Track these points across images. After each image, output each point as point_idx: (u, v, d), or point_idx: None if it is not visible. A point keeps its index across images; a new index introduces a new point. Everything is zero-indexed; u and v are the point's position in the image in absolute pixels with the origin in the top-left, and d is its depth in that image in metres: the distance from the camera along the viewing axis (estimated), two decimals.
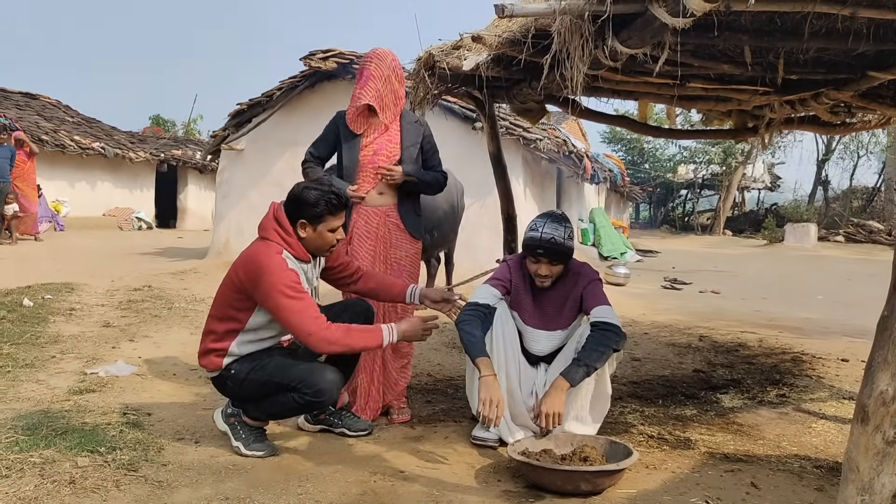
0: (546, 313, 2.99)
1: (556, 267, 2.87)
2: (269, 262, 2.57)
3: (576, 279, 2.98)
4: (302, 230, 2.67)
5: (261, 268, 2.57)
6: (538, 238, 2.83)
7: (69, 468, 2.41)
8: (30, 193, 11.19)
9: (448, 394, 3.68)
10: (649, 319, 6.60)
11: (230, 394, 2.73)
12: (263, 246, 2.64)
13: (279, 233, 2.66)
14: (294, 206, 2.68)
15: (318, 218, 2.65)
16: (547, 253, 2.83)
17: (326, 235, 2.69)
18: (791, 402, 3.69)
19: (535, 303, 2.99)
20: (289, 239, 2.66)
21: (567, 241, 2.85)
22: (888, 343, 1.69)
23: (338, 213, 2.69)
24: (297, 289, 2.57)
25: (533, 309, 2.99)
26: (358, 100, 3.22)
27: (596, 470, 2.41)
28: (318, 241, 2.69)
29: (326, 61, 8.05)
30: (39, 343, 4.40)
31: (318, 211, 2.65)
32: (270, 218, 2.71)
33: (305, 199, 2.65)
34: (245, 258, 2.65)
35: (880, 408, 1.67)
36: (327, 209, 2.66)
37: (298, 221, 2.66)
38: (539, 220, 2.90)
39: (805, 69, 3.72)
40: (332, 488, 2.40)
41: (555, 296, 2.97)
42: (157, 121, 25.52)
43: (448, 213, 6.10)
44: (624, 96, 4.22)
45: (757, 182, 30.56)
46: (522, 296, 2.99)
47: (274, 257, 2.59)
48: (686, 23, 2.55)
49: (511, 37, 3.25)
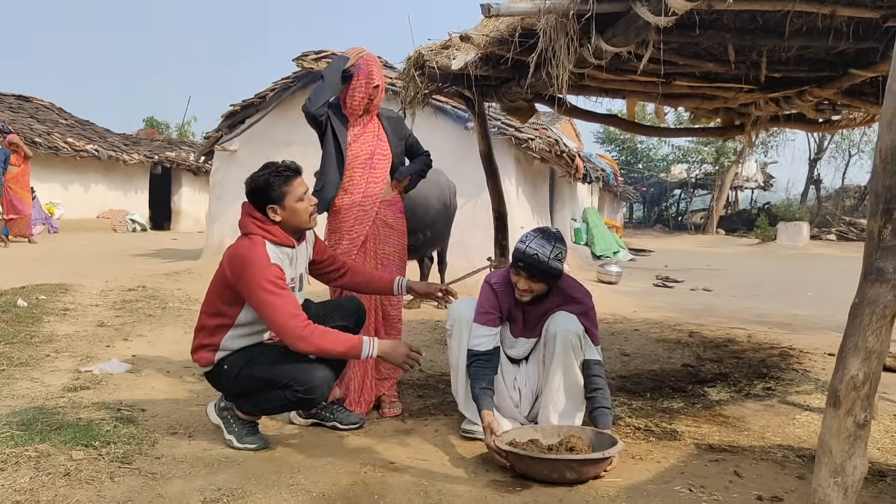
0: (529, 323, 2.99)
1: (535, 284, 2.84)
2: (252, 256, 2.61)
3: (565, 298, 2.95)
4: (274, 214, 2.70)
5: (245, 262, 2.61)
6: (522, 251, 2.81)
7: (64, 461, 2.44)
8: (24, 196, 11.18)
9: (439, 389, 3.73)
10: (640, 316, 6.66)
11: (223, 389, 2.77)
12: (247, 241, 2.68)
13: (257, 224, 2.70)
14: (255, 197, 2.73)
15: (280, 195, 2.69)
16: (526, 268, 2.81)
17: (298, 206, 2.72)
18: (777, 395, 3.75)
19: (524, 317, 3.00)
20: (268, 227, 2.70)
21: (551, 262, 2.80)
22: (858, 330, 1.74)
23: (292, 181, 2.72)
24: (279, 284, 2.59)
25: (521, 322, 3.00)
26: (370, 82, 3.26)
27: (580, 458, 2.46)
28: (293, 216, 2.72)
29: (319, 62, 8.09)
30: (34, 342, 4.43)
31: (276, 189, 2.69)
32: (245, 215, 2.76)
33: (259, 185, 2.70)
34: (230, 254, 2.69)
35: (851, 392, 1.72)
36: (282, 181, 2.69)
37: (268, 208, 2.70)
38: (530, 235, 2.88)
39: (788, 67, 3.79)
40: (323, 479, 2.44)
41: (542, 310, 2.96)
42: (151, 123, 25.51)
43: (441, 212, 6.15)
44: (611, 95, 4.29)
45: (750, 181, 30.73)
46: (513, 312, 2.99)
47: (257, 250, 2.62)
48: (668, 21, 2.62)
49: (498, 36, 3.31)
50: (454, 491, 2.38)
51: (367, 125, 3.34)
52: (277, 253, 2.67)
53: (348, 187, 3.30)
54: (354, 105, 3.28)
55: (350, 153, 3.29)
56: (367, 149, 3.32)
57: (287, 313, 2.54)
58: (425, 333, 5.35)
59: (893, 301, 1.72)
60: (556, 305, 2.94)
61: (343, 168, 3.30)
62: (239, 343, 2.69)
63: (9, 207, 10.93)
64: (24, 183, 11.23)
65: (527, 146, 8.61)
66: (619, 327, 5.97)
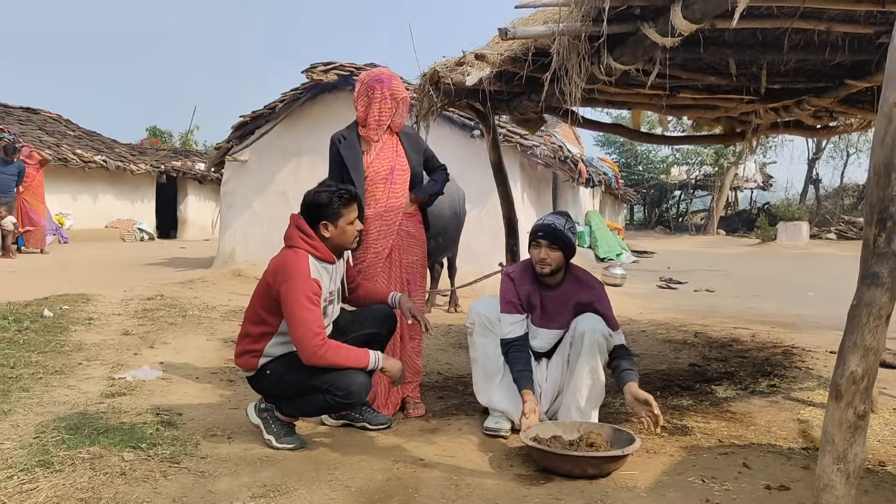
0: (548, 313, 3.22)
1: (553, 252, 3.13)
2: (295, 269, 2.79)
3: (578, 285, 3.23)
4: (325, 230, 2.89)
5: (287, 273, 2.79)
6: (540, 224, 3.17)
7: (117, 462, 2.61)
8: (39, 207, 11.39)
9: (458, 390, 3.90)
10: (646, 318, 6.83)
11: (265, 392, 2.95)
12: (291, 253, 2.86)
13: (303, 239, 2.88)
14: (311, 210, 2.92)
15: (336, 214, 2.89)
16: (546, 236, 3.11)
17: (347, 229, 2.92)
18: (781, 392, 3.92)
19: (542, 304, 3.22)
20: (313, 242, 2.88)
21: (566, 230, 3.14)
22: (857, 329, 1.91)
23: (351, 205, 2.93)
24: (313, 300, 2.77)
25: (540, 310, 3.22)
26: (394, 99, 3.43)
27: (603, 455, 2.64)
28: (341, 236, 2.92)
29: (327, 74, 8.28)
30: (65, 351, 4.60)
31: (335, 208, 2.88)
32: (293, 227, 2.94)
33: (320, 201, 2.90)
34: (275, 264, 2.87)
35: (851, 386, 1.89)
36: (341, 203, 2.89)
37: (320, 223, 2.89)
38: (544, 215, 3.25)
39: (787, 78, 3.97)
40: (359, 475, 2.61)
41: (558, 297, 3.21)
42: (154, 132, 25.71)
43: (452, 220, 6.33)
44: (618, 106, 4.47)
45: (749, 182, 30.93)
46: (533, 299, 3.22)
47: (301, 263, 2.81)
48: (675, 41, 2.81)
49: (512, 55, 3.49)
50: (483, 484, 2.55)
51: (387, 142, 3.50)
52: (318, 267, 2.86)
53: (371, 202, 3.46)
54: (383, 121, 3.44)
55: (371, 170, 3.46)
56: (388, 164, 3.49)
57: (310, 330, 2.72)
58: (439, 337, 5.52)
59: (888, 303, 1.90)
60: (571, 290, 3.19)
61: (360, 186, 3.45)
62: (281, 350, 2.86)
63: (24, 219, 11.13)
64: (38, 194, 11.44)
65: (532, 152, 8.80)
66: (627, 329, 6.13)
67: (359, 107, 3.50)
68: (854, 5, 2.75)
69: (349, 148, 3.43)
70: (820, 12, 2.95)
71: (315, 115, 8.94)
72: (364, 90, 3.48)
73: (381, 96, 3.40)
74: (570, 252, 3.18)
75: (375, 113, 3.42)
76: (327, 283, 2.89)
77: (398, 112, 3.47)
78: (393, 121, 3.49)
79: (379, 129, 3.45)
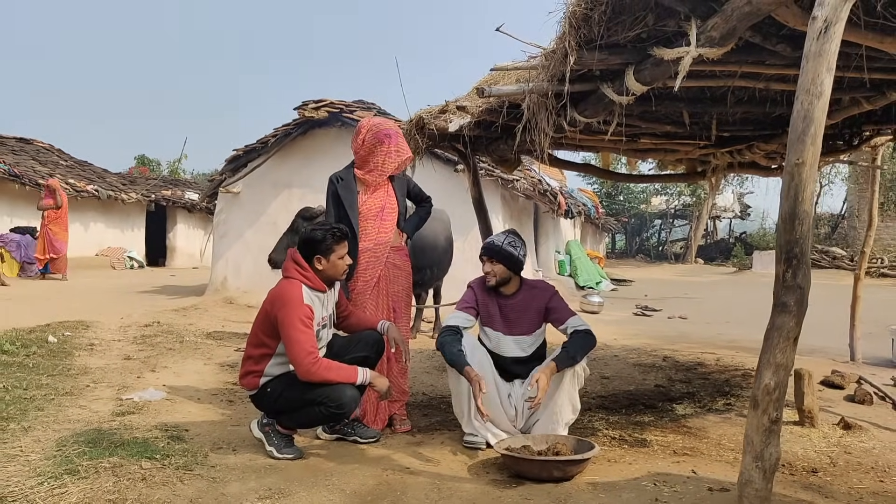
0: (509, 320, 3.64)
1: (495, 266, 3.58)
2: (290, 297, 3.19)
3: (532, 291, 3.68)
4: (318, 263, 3.29)
5: (283, 301, 3.18)
6: (485, 243, 3.67)
7: (137, 469, 2.93)
8: (63, 236, 12.24)
9: (441, 409, 4.25)
10: (620, 343, 7.22)
11: (265, 408, 3.30)
12: (287, 283, 3.27)
13: (298, 270, 3.29)
14: (307, 246, 3.31)
15: (329, 250, 3.29)
16: (486, 252, 3.60)
17: (338, 263, 3.33)
18: (735, 409, 4.31)
19: (500, 312, 3.64)
20: (306, 273, 3.28)
21: (504, 246, 3.58)
22: (770, 349, 2.30)
23: (342, 242, 3.34)
24: (306, 323, 3.16)
25: (499, 317, 3.65)
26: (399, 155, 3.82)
27: (566, 459, 3.00)
28: (332, 269, 3.32)
29: (318, 111, 8.71)
30: (72, 374, 4.90)
31: (328, 244, 3.28)
32: (290, 260, 3.35)
33: (314, 237, 3.30)
34: (273, 294, 3.26)
35: (766, 396, 2.28)
36: (334, 240, 3.30)
37: (314, 257, 3.29)
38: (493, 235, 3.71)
39: (735, 127, 4.44)
40: (353, 481, 2.95)
41: (515, 305, 3.64)
42: (143, 160, 26.02)
43: (447, 251, 6.70)
44: (586, 150, 4.92)
45: (727, 211, 31.64)
46: (490, 307, 3.65)
47: (295, 291, 3.21)
48: (629, 100, 3.24)
49: (489, 106, 3.94)
50: (462, 488, 2.90)
51: (381, 184, 3.89)
52: (311, 295, 3.24)
53: (363, 236, 3.84)
54: (385, 171, 3.81)
55: (365, 207, 3.84)
56: (379, 204, 3.88)
57: (303, 349, 3.10)
58: (424, 361, 5.88)
59: (795, 327, 2.29)
60: (525, 298, 3.62)
61: (355, 223, 3.82)
62: (280, 370, 3.22)
63: (49, 247, 12.03)
64: (63, 224, 12.26)
65: (512, 186, 9.24)
66: (600, 353, 6.52)
67: (361, 151, 3.86)
68: (782, 69, 3.21)
69: (346, 188, 3.82)
70: (757, 74, 3.41)
71: (305, 150, 9.36)
72: (372, 139, 3.82)
73: (386, 150, 3.79)
74: (512, 264, 3.60)
75: (380, 163, 3.81)
76: (319, 310, 3.28)
77: (399, 167, 3.86)
78: (397, 170, 3.88)
79: (380, 176, 3.83)
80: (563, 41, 2.91)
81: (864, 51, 2.93)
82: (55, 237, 12.06)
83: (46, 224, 12.01)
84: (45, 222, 12.05)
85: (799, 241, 2.28)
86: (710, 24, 2.58)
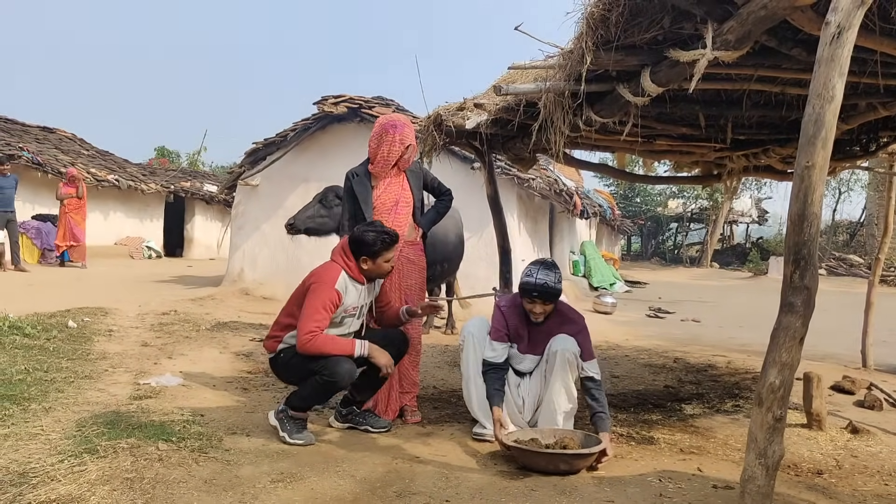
0: (534, 342, 3.63)
1: (548, 305, 3.52)
2: (326, 276, 3.40)
3: (563, 318, 3.60)
4: (364, 264, 3.46)
5: (320, 277, 3.41)
6: (534, 284, 3.44)
7: (154, 451, 3.02)
8: (82, 224, 12.60)
9: (451, 402, 4.31)
10: (631, 344, 7.25)
11: (278, 372, 3.55)
12: (329, 263, 3.49)
13: (343, 257, 3.48)
14: (356, 245, 3.46)
15: (376, 254, 3.44)
16: (541, 296, 3.46)
17: (383, 265, 3.49)
18: (743, 411, 4.33)
19: (529, 336, 3.63)
20: (349, 263, 3.46)
21: (557, 285, 3.47)
22: (776, 348, 2.34)
23: (391, 248, 3.49)
24: (326, 306, 3.32)
25: (528, 341, 3.63)
26: (402, 143, 3.86)
27: (573, 453, 3.05)
28: (376, 270, 3.49)
29: (338, 106, 8.79)
30: (91, 359, 5.00)
31: (377, 249, 3.44)
32: (340, 245, 3.55)
33: (365, 240, 3.44)
34: (315, 270, 3.49)
35: (770, 394, 2.32)
36: (383, 246, 3.45)
37: (361, 258, 3.44)
38: (533, 268, 3.51)
39: (751, 130, 4.45)
40: (363, 468, 3.02)
41: (545, 330, 3.60)
42: (163, 152, 26.30)
43: (458, 247, 6.75)
44: (601, 149, 4.95)
45: (745, 216, 31.42)
46: (520, 331, 3.62)
47: (332, 273, 3.40)
48: (645, 101, 3.27)
49: (506, 105, 3.98)
50: (469, 478, 2.96)
51: (395, 178, 3.95)
52: (347, 283, 3.41)
53: None
54: (390, 160, 3.88)
55: (379, 202, 3.90)
56: (393, 197, 3.94)
57: (307, 325, 3.28)
58: (436, 356, 5.94)
59: (801, 327, 2.33)
60: (556, 325, 3.57)
61: (369, 217, 3.88)
62: (295, 341, 3.36)
63: (69, 235, 12.34)
64: (82, 213, 12.59)
65: (528, 185, 9.28)
66: (612, 353, 6.56)
67: (372, 145, 3.94)
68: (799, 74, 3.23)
69: (361, 183, 3.88)
70: (773, 78, 3.43)
71: (324, 144, 9.45)
72: (379, 131, 3.91)
73: (391, 140, 3.85)
74: (559, 298, 3.55)
75: (385, 153, 3.87)
76: (353, 298, 3.44)
77: (404, 156, 3.91)
78: (401, 160, 3.93)
79: (385, 167, 3.89)
80: (580, 41, 2.95)
81: (880, 57, 2.95)
82: (75, 225, 12.39)
83: (67, 212, 12.30)
84: (65, 209, 12.32)
85: (807, 242, 2.31)
86: (726, 28, 2.61)
